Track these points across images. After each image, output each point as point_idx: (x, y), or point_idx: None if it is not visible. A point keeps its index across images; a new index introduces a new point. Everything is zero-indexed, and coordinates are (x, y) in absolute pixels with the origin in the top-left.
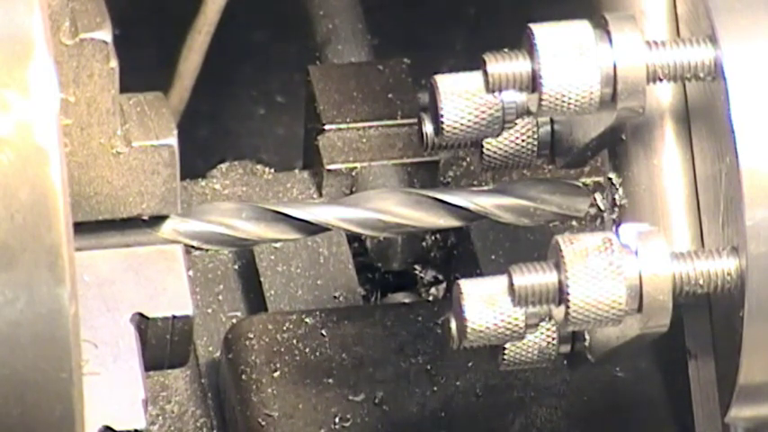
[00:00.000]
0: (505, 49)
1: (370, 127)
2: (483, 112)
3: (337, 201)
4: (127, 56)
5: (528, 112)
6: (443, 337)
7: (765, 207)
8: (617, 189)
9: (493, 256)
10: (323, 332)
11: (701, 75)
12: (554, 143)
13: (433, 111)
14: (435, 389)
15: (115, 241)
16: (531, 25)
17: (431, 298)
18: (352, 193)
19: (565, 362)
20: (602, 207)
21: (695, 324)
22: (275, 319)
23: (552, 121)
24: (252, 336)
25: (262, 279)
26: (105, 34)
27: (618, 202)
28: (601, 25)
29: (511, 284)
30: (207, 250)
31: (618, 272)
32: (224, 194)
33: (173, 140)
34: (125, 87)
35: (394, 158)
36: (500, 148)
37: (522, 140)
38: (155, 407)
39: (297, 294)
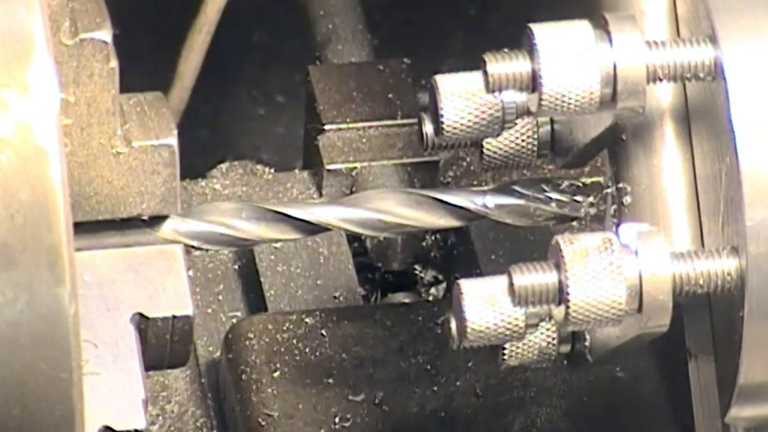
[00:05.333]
0: (505, 49)
1: (370, 127)
2: (483, 112)
3: (337, 201)
4: (127, 56)
5: (528, 112)
6: (443, 337)
7: (765, 207)
8: (617, 189)
9: (493, 256)
10: (323, 332)
11: (701, 75)
12: (554, 143)
13: (433, 111)
14: (435, 389)
15: (115, 241)
16: (531, 25)
17: (431, 298)
18: (352, 193)
19: (565, 362)
20: (602, 207)
21: (695, 324)
22: (275, 319)
23: (552, 121)
24: (252, 336)
25: (262, 279)
26: (105, 34)
27: (618, 203)
28: (601, 25)
29: (511, 284)
30: (207, 250)
31: (618, 272)
32: (224, 194)
33: (173, 140)
34: (125, 87)
35: (394, 158)
36: (500, 148)
37: (522, 140)
38: (155, 407)
39: (297, 294)
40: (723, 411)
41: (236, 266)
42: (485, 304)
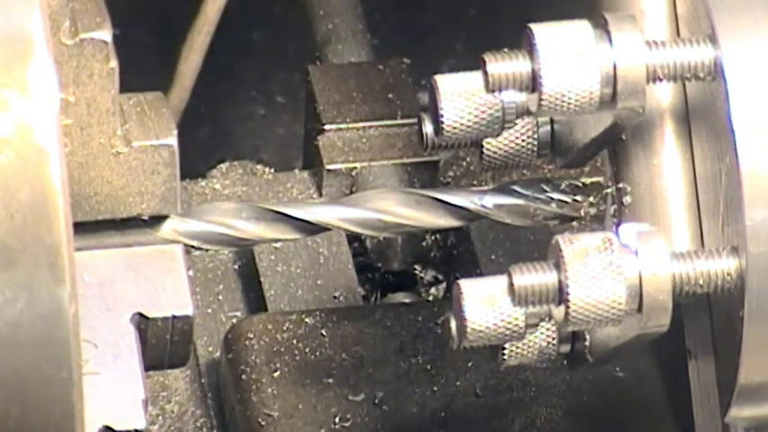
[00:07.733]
0: (505, 49)
1: (370, 127)
2: (483, 112)
3: (337, 201)
4: (127, 56)
5: (528, 112)
6: (443, 337)
7: (765, 207)
8: (617, 189)
9: (493, 256)
10: (323, 332)
11: (701, 75)
12: (554, 143)
13: (433, 111)
14: (435, 389)
15: (115, 241)
16: (531, 25)
17: (431, 298)
18: (352, 193)
19: (565, 362)
20: (602, 207)
21: (695, 324)
22: (275, 319)
23: (552, 121)
24: (252, 336)
25: (262, 279)
26: (105, 34)
27: (618, 203)
28: (601, 25)
29: (511, 284)
30: (207, 250)
31: (618, 272)
32: (224, 194)
33: (173, 140)
34: (125, 87)
35: (394, 158)
36: (500, 148)
37: (522, 140)
38: (155, 407)
39: (297, 294)
40: (723, 411)
41: (236, 266)
42: (485, 304)
